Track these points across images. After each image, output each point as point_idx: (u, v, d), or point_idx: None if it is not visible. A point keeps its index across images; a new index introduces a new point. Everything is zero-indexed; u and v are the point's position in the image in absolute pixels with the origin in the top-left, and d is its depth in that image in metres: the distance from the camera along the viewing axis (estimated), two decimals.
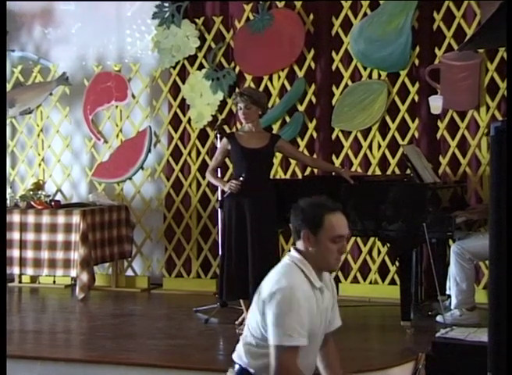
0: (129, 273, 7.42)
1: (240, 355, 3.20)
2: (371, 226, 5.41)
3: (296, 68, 6.87)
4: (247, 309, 4.77)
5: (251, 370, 3.15)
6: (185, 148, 7.24)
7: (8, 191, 7.47)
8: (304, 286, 3.08)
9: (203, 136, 7.18)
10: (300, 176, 6.74)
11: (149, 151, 7.34)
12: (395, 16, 6.51)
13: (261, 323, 3.09)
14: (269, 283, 3.11)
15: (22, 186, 7.77)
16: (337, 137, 6.76)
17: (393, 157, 6.56)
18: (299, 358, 3.03)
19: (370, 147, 6.68)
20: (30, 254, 6.93)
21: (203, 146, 7.16)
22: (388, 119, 6.62)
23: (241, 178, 5.55)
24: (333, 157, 6.73)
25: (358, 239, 6.60)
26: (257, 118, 5.73)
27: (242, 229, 5.49)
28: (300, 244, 3.19)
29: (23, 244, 6.94)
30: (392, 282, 6.45)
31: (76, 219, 6.75)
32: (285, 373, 3.00)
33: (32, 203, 7.07)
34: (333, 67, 6.77)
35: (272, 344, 3.01)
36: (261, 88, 6.85)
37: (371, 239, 6.51)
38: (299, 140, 6.83)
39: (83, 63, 7.71)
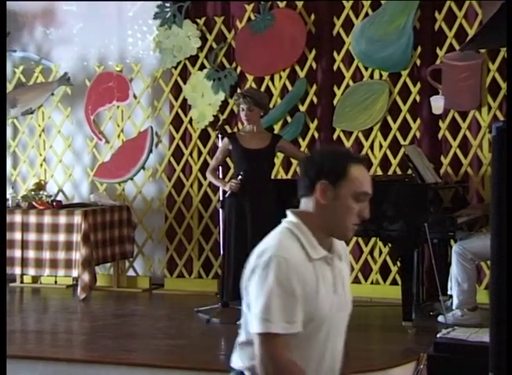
0: (131, 273, 7.42)
1: (235, 360, 2.57)
2: (372, 226, 5.39)
3: (297, 68, 6.87)
4: None
5: (247, 373, 2.49)
6: (186, 148, 7.24)
7: (10, 191, 7.46)
8: (300, 258, 2.43)
9: (204, 136, 7.18)
10: None
11: (150, 151, 7.34)
12: (396, 16, 6.51)
13: (245, 307, 2.47)
14: (254, 255, 2.49)
15: (23, 186, 7.77)
16: (338, 137, 6.75)
17: (395, 157, 6.55)
18: (299, 349, 2.42)
19: (371, 147, 6.68)
20: (31, 254, 6.92)
21: (204, 146, 7.16)
22: (389, 119, 6.61)
23: (240, 177, 5.56)
24: None
25: (360, 239, 6.60)
26: (259, 119, 5.74)
27: (243, 229, 5.50)
28: (307, 204, 2.53)
29: (24, 245, 6.94)
30: (394, 282, 6.44)
31: (77, 219, 6.75)
32: (272, 366, 2.35)
33: (34, 203, 7.06)
34: (334, 67, 6.77)
35: (255, 331, 2.37)
36: (263, 88, 6.85)
37: (373, 239, 6.50)
38: (300, 140, 6.83)
39: (84, 63, 7.71)
